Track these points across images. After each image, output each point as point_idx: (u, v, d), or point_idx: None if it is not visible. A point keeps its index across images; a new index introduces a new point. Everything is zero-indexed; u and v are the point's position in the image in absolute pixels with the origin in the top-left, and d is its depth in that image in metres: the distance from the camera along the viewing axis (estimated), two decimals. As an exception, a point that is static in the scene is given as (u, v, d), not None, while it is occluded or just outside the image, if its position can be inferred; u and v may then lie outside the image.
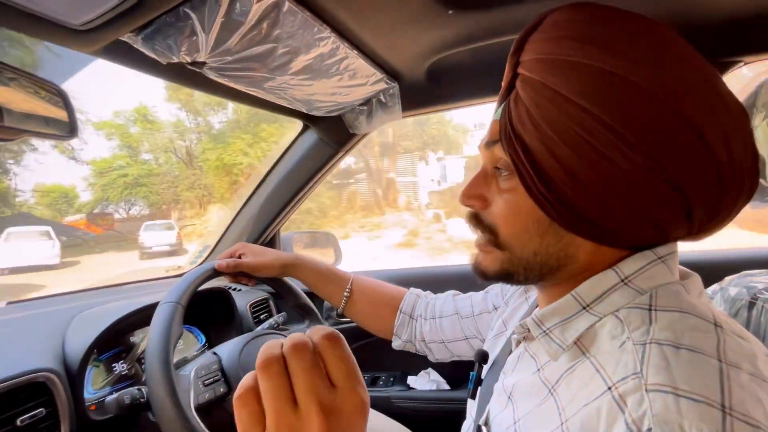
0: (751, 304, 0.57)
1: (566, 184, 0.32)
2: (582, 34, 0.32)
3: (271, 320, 0.92)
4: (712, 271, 0.45)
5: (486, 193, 0.40)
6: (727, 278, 0.65)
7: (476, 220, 0.40)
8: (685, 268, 0.37)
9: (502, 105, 0.37)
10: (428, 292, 0.74)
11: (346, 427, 0.26)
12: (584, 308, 0.35)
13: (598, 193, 0.32)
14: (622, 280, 0.34)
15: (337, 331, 0.28)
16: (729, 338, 0.29)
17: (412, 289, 0.74)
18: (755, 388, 0.26)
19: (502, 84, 0.37)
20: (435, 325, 0.68)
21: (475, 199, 0.40)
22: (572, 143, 0.32)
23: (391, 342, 0.73)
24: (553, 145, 0.32)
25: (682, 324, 0.30)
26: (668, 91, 0.30)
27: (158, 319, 0.59)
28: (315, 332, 0.28)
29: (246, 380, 0.27)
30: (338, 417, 0.26)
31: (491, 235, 0.39)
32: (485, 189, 0.40)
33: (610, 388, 0.29)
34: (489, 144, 0.39)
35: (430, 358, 0.70)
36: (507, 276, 0.39)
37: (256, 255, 0.73)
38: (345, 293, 0.73)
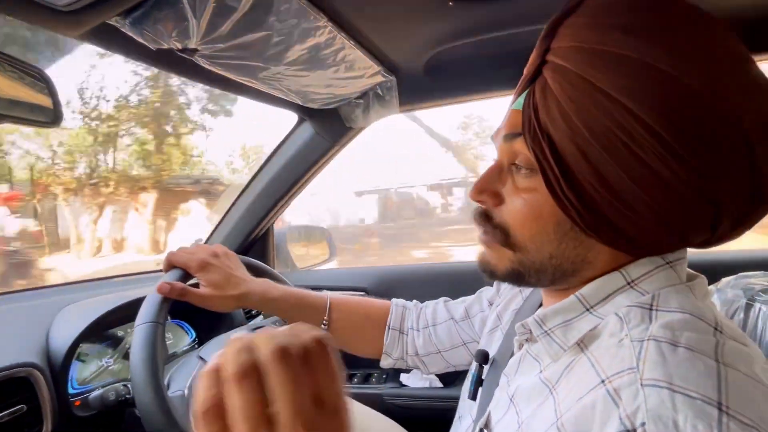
0: (748, 306, 0.57)
1: (595, 189, 0.30)
2: (630, 24, 0.29)
3: (261, 315, 0.90)
4: (709, 272, 0.45)
5: (500, 189, 0.37)
6: (724, 279, 0.65)
7: (485, 218, 0.37)
8: (691, 270, 0.36)
9: (524, 93, 0.34)
10: (415, 301, 0.69)
11: None
12: (587, 310, 0.34)
13: (629, 200, 0.30)
14: (628, 283, 0.34)
15: (328, 335, 0.24)
16: (728, 342, 0.29)
17: (395, 300, 0.68)
18: (751, 389, 0.26)
19: (525, 71, 0.34)
20: (429, 335, 0.63)
21: (488, 194, 0.37)
22: (608, 145, 0.29)
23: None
24: (585, 145, 0.30)
25: (681, 324, 0.29)
26: (724, 98, 0.28)
27: (138, 346, 0.52)
28: (301, 332, 0.23)
29: (208, 389, 0.22)
30: None
31: (502, 235, 0.36)
32: (499, 184, 0.37)
33: (603, 382, 0.28)
34: (508, 137, 0.35)
35: (424, 372, 0.66)
36: (517, 277, 0.37)
37: (215, 284, 0.57)
38: (323, 323, 0.63)
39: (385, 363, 0.65)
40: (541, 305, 0.44)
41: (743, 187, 0.30)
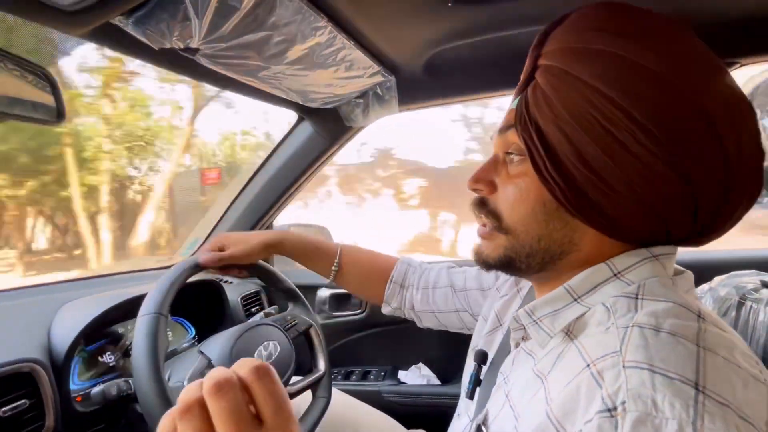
0: (740, 304, 0.58)
1: (576, 167, 0.33)
2: (604, 26, 0.34)
3: (262, 313, 0.91)
4: (702, 272, 0.46)
5: (495, 178, 0.40)
6: (717, 278, 0.66)
7: (481, 204, 0.41)
8: (678, 266, 0.37)
9: (520, 96, 0.37)
10: (420, 260, 0.74)
11: None
12: (575, 300, 0.36)
13: (607, 178, 0.32)
14: (615, 275, 0.35)
15: (267, 364, 0.28)
16: (710, 328, 0.30)
17: (402, 257, 0.74)
18: (728, 372, 0.27)
19: (521, 76, 0.38)
20: (427, 295, 0.68)
21: (483, 183, 0.41)
22: (587, 126, 0.32)
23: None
24: (568, 128, 0.33)
25: (665, 312, 0.30)
26: (685, 81, 0.31)
27: (141, 335, 0.54)
28: (242, 366, 0.27)
29: (164, 424, 0.26)
30: None
31: (495, 220, 0.39)
32: (494, 174, 0.40)
33: (588, 365, 0.30)
34: (503, 130, 0.39)
35: (419, 324, 0.72)
36: (509, 263, 0.39)
37: (238, 243, 0.69)
38: (333, 266, 0.72)
39: (385, 310, 0.73)
40: None
41: (714, 164, 0.31)
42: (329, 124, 0.98)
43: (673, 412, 0.25)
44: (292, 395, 0.71)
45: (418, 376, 1.12)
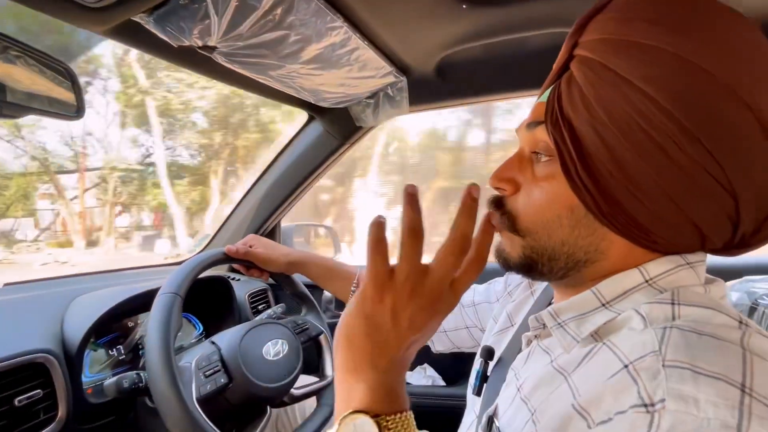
0: (752, 309, 0.58)
1: (611, 174, 0.30)
2: (657, 17, 0.30)
3: (269, 311, 0.92)
4: (716, 276, 0.46)
5: (519, 177, 0.37)
6: (729, 283, 0.66)
7: (498, 204, 0.38)
8: (709, 275, 0.35)
9: (551, 87, 0.34)
10: None
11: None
12: (603, 305, 0.34)
13: (644, 187, 0.30)
14: (647, 281, 0.33)
15: None
16: (755, 334, 0.28)
17: None
18: None
19: (554, 66, 0.35)
20: None
21: (507, 182, 0.37)
22: (626, 130, 0.29)
23: None
24: (604, 130, 0.30)
25: (706, 317, 0.28)
26: (744, 87, 0.28)
27: (157, 310, 0.58)
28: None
29: (371, 289, 0.32)
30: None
31: (510, 222, 0.37)
32: (519, 173, 0.37)
33: (626, 366, 0.28)
34: (531, 125, 0.36)
35: (432, 349, 0.71)
36: (530, 266, 0.37)
37: (266, 248, 0.74)
38: (352, 288, 0.74)
39: None
40: (550, 303, 0.44)
41: (764, 180, 0.29)
42: (339, 124, 0.99)
43: (716, 413, 0.23)
44: (297, 398, 0.72)
45: (423, 377, 1.12)
